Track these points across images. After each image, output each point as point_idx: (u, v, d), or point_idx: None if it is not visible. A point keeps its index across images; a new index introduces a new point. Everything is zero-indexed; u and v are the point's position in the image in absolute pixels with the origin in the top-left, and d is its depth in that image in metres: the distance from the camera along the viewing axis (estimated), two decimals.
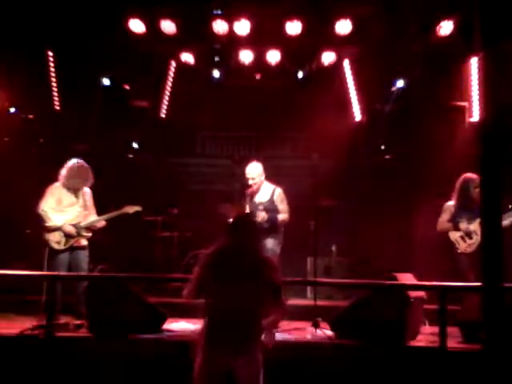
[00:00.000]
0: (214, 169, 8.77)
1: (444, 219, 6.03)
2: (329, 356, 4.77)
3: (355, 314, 5.07)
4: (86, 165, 6.07)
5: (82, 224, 5.95)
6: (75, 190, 6.01)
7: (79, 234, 5.93)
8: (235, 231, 3.79)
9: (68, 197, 5.98)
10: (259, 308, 3.62)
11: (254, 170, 6.04)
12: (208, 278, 3.63)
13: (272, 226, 5.87)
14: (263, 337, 3.67)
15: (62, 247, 5.85)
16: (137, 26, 7.37)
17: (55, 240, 5.83)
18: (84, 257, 5.97)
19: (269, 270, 3.66)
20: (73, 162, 6.02)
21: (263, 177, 6.08)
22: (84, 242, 6.00)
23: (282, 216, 5.94)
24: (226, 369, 3.51)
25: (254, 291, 3.58)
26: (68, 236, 5.87)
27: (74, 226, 5.90)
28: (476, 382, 4.03)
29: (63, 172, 5.99)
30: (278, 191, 6.03)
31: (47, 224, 5.84)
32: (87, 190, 6.13)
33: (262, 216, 5.79)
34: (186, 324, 5.64)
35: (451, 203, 6.04)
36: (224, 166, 8.39)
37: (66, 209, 5.94)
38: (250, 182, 6.00)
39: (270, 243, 5.81)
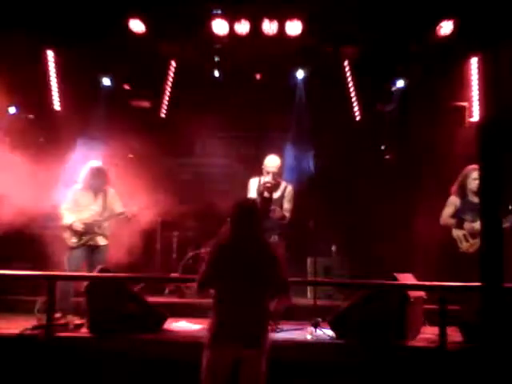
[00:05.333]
0: (214, 169, 8.76)
1: (448, 213, 5.94)
2: (329, 356, 4.77)
3: (355, 314, 5.07)
4: (103, 166, 6.36)
5: (97, 223, 6.14)
6: (95, 191, 6.23)
7: (92, 232, 6.11)
8: (240, 221, 3.70)
9: (86, 197, 6.21)
10: (266, 300, 3.61)
11: (275, 163, 5.88)
12: (214, 273, 3.61)
13: (281, 224, 5.81)
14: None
15: (74, 244, 6.08)
16: (137, 25, 7.37)
17: (67, 237, 6.10)
18: (100, 257, 6.14)
19: (276, 263, 3.63)
20: (91, 164, 6.31)
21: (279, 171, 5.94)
22: (101, 242, 6.18)
23: (285, 214, 5.85)
24: (233, 360, 3.49)
25: (261, 284, 3.58)
26: (79, 234, 6.07)
27: (87, 224, 6.09)
28: (476, 382, 4.03)
29: (81, 174, 6.25)
30: (290, 188, 5.93)
31: (61, 223, 6.15)
32: (111, 190, 6.33)
33: (278, 210, 5.72)
34: (186, 324, 5.64)
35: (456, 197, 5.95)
36: (224, 165, 8.40)
37: (82, 209, 6.16)
38: (270, 177, 5.77)
39: (277, 241, 5.73)
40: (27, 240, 7.00)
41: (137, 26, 7.37)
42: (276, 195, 5.87)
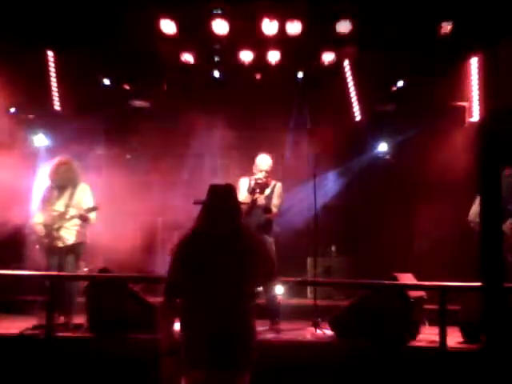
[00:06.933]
0: (213, 169, 8.75)
1: (478, 211, 5.45)
2: (329, 356, 4.77)
3: (355, 314, 5.08)
4: (68, 161, 5.79)
5: (55, 225, 5.62)
6: (60, 188, 5.72)
7: (50, 236, 5.62)
8: (212, 209, 2.99)
9: (52, 196, 5.72)
10: (248, 305, 2.93)
11: (268, 162, 5.92)
12: (182, 277, 2.91)
13: (268, 222, 5.80)
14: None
15: (39, 248, 5.72)
16: (137, 25, 7.36)
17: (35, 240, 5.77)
18: (64, 261, 5.62)
19: (260, 256, 3.00)
20: (55, 159, 5.84)
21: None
22: (61, 244, 5.64)
23: (273, 209, 5.85)
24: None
25: (242, 285, 2.90)
26: (41, 237, 5.64)
27: (46, 226, 5.62)
28: (476, 382, 4.03)
29: (47, 170, 5.83)
30: (279, 185, 5.96)
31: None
32: (82, 186, 5.78)
33: (260, 199, 5.74)
34: None
35: None
36: (224, 165, 8.39)
37: (48, 208, 5.69)
38: (263, 174, 5.84)
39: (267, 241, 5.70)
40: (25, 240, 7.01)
41: (137, 25, 7.35)
42: (267, 192, 5.88)
